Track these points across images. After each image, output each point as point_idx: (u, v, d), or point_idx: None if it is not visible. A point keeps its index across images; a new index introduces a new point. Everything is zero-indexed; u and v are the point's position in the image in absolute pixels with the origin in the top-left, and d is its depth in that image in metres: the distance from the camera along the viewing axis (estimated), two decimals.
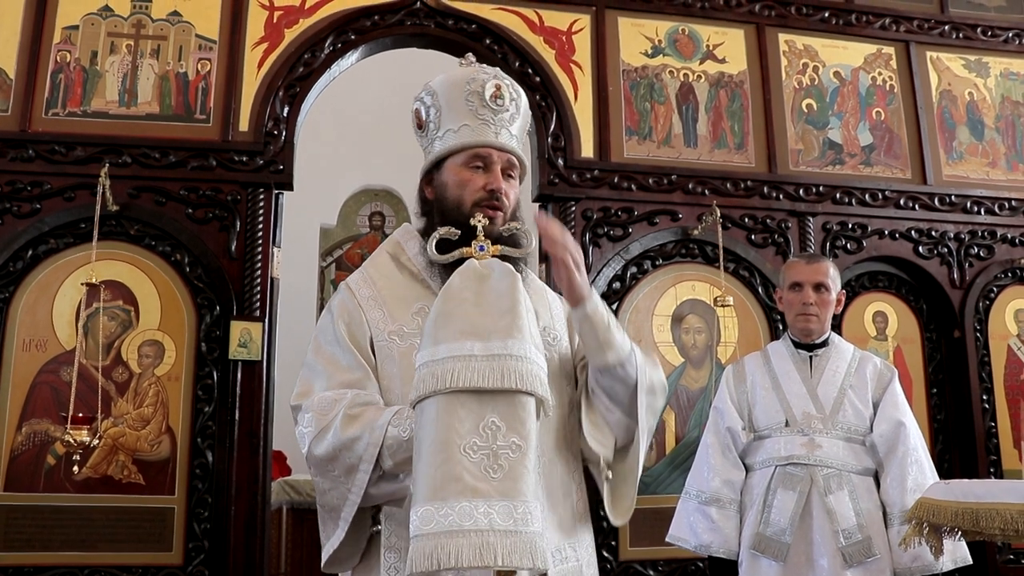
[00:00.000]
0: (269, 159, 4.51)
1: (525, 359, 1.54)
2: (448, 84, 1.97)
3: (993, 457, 4.97)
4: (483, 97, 1.93)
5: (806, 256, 3.63)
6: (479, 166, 1.92)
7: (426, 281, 1.94)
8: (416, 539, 1.44)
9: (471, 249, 1.71)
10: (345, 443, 1.73)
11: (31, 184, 4.30)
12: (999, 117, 5.51)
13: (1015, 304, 5.23)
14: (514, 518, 1.45)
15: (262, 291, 4.39)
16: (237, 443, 4.23)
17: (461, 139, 1.93)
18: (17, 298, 4.24)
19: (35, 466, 4.11)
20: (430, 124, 1.99)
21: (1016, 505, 2.38)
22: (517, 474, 1.48)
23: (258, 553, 4.20)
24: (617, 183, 4.84)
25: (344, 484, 1.76)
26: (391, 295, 1.93)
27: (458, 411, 1.50)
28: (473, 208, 1.87)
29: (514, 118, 1.98)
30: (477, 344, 1.54)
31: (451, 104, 1.95)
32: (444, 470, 1.46)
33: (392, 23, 4.84)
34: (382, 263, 2.01)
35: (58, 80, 4.46)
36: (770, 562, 3.07)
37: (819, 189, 5.07)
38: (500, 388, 1.51)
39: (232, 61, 4.61)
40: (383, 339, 1.88)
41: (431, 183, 1.99)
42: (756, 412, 3.28)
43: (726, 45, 5.22)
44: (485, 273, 1.64)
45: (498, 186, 1.90)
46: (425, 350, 1.57)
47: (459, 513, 1.43)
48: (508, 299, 1.60)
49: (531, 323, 1.61)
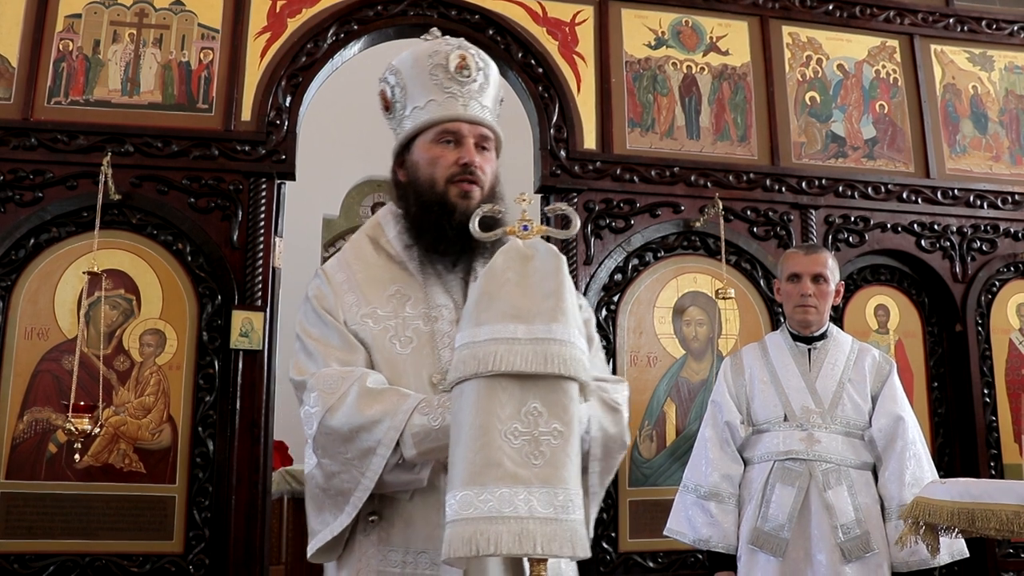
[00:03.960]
0: (271, 149, 4.51)
1: (568, 343, 1.49)
2: (411, 60, 1.92)
3: (994, 451, 4.97)
4: (447, 69, 1.87)
5: (804, 247, 3.61)
6: (449, 141, 1.87)
7: (404, 263, 1.89)
8: (454, 524, 1.40)
9: (514, 227, 1.61)
10: (364, 424, 1.66)
11: (33, 172, 4.30)
12: (1003, 111, 5.49)
13: (1017, 298, 5.22)
14: (554, 506, 1.41)
15: (264, 281, 4.39)
16: (238, 432, 4.24)
17: (428, 115, 1.87)
18: (19, 286, 4.25)
19: (37, 454, 4.12)
20: (396, 104, 1.94)
21: (1012, 506, 2.37)
22: (559, 461, 1.44)
23: (258, 542, 4.21)
24: (619, 175, 4.83)
25: (358, 467, 1.69)
26: (366, 278, 1.88)
27: (499, 395, 1.45)
28: (447, 185, 1.84)
29: (483, 88, 1.92)
30: (520, 327, 1.48)
31: (416, 80, 1.89)
32: (484, 455, 1.42)
33: (395, 13, 4.83)
34: (360, 246, 1.95)
35: (61, 69, 4.46)
36: (768, 557, 3.06)
37: (822, 182, 5.06)
38: (543, 373, 1.46)
39: (235, 50, 4.60)
40: (356, 322, 1.83)
41: (403, 165, 1.94)
42: (755, 406, 3.26)
43: (729, 37, 5.21)
44: (529, 254, 1.56)
45: (471, 159, 1.85)
46: (466, 331, 1.51)
47: (499, 499, 1.40)
48: (552, 281, 1.53)
49: (573, 306, 1.55)
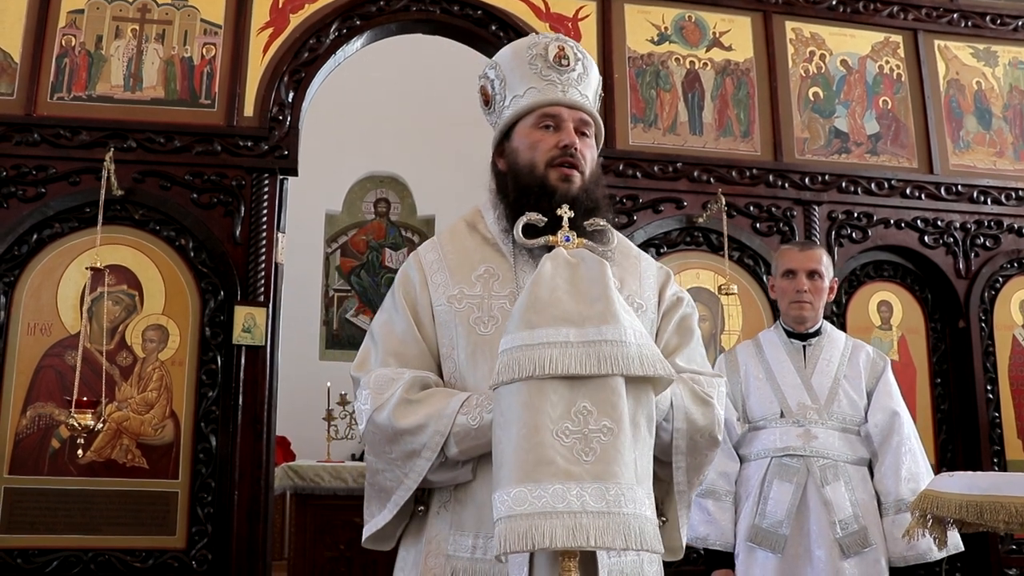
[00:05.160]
0: (274, 144, 4.51)
1: (621, 343, 1.54)
2: (510, 53, 1.96)
3: (996, 447, 4.96)
4: (547, 58, 1.91)
5: (799, 243, 3.60)
6: (549, 125, 1.89)
7: (497, 245, 1.92)
8: (508, 519, 1.45)
9: (557, 238, 1.70)
10: (409, 428, 1.72)
11: (36, 168, 4.30)
12: (1007, 106, 5.48)
13: (1021, 294, 5.21)
14: (606, 500, 1.45)
15: (266, 277, 4.39)
16: (240, 428, 4.24)
17: (528, 100, 1.91)
18: (22, 282, 4.25)
19: (39, 449, 4.12)
20: (496, 97, 1.97)
21: (1021, 499, 2.37)
22: (609, 457, 1.49)
23: (261, 538, 4.21)
24: (622, 170, 4.82)
25: (401, 468, 1.76)
26: (457, 258, 1.91)
27: (550, 396, 1.51)
28: (547, 168, 1.86)
29: (582, 78, 1.95)
30: (572, 330, 1.54)
31: (515, 71, 1.93)
32: (537, 454, 1.47)
33: (397, 9, 4.82)
34: (457, 229, 1.99)
35: (63, 64, 4.46)
36: (767, 554, 3.06)
37: (825, 178, 5.05)
38: (596, 374, 1.52)
39: (237, 46, 4.60)
40: (442, 304, 1.87)
41: (502, 154, 1.96)
42: (750, 403, 3.26)
43: (733, 32, 5.19)
44: (575, 262, 1.63)
45: (571, 140, 1.87)
46: (518, 333, 1.57)
47: (552, 495, 1.44)
48: (600, 286, 1.59)
49: (625, 307, 1.61)
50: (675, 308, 1.98)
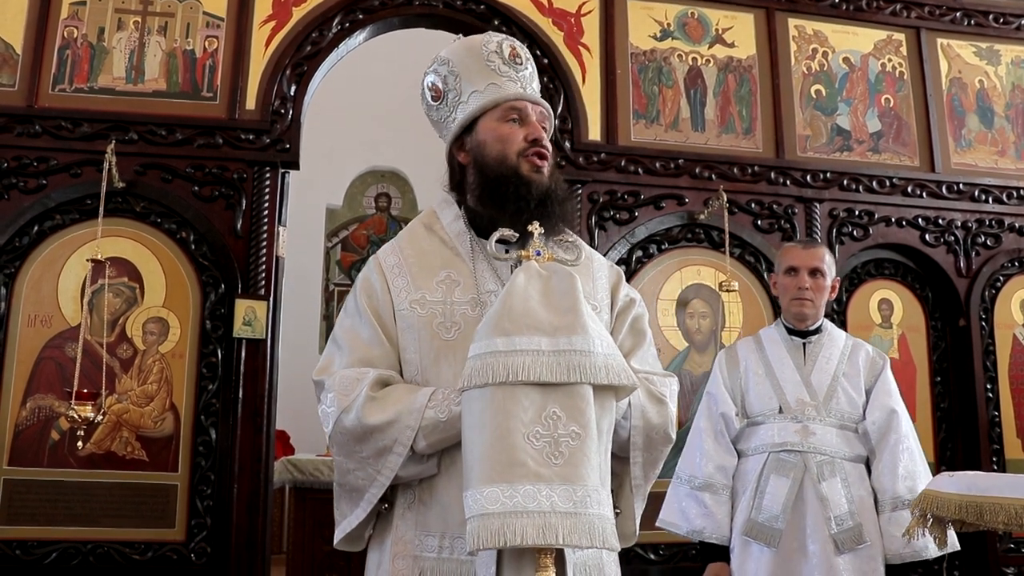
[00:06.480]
0: (276, 138, 4.50)
1: (589, 353, 1.60)
2: (462, 50, 1.99)
3: (996, 446, 4.96)
4: (503, 56, 1.96)
5: (802, 241, 3.60)
6: (515, 119, 1.93)
7: (456, 248, 1.94)
8: (481, 517, 1.50)
9: (528, 252, 1.75)
10: (378, 425, 1.75)
11: (37, 160, 4.30)
12: (1009, 105, 5.48)
13: (1021, 294, 5.22)
14: (574, 501, 1.52)
15: (267, 270, 4.39)
16: (240, 421, 4.24)
17: (492, 95, 1.94)
18: (22, 274, 4.25)
19: (39, 441, 4.13)
20: (449, 92, 2.00)
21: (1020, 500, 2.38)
22: (577, 460, 1.55)
23: (260, 531, 4.22)
24: (624, 167, 4.82)
25: (373, 465, 1.79)
26: (418, 262, 1.93)
27: (522, 401, 1.57)
28: (519, 159, 1.90)
29: (532, 76, 2.01)
30: (544, 339, 1.60)
31: (471, 67, 1.97)
32: (509, 455, 1.53)
33: (400, 3, 4.81)
34: (414, 232, 2.01)
35: (65, 56, 4.45)
36: (761, 548, 3.06)
37: (826, 175, 5.05)
38: (566, 381, 1.58)
39: (239, 39, 4.59)
40: (404, 307, 1.89)
41: (463, 147, 1.99)
42: (749, 398, 3.27)
43: (735, 29, 5.19)
44: (546, 274, 1.69)
45: (540, 134, 1.93)
46: (491, 340, 1.61)
47: (524, 495, 1.51)
48: (570, 298, 1.65)
49: (592, 318, 1.67)
50: (628, 309, 2.03)
